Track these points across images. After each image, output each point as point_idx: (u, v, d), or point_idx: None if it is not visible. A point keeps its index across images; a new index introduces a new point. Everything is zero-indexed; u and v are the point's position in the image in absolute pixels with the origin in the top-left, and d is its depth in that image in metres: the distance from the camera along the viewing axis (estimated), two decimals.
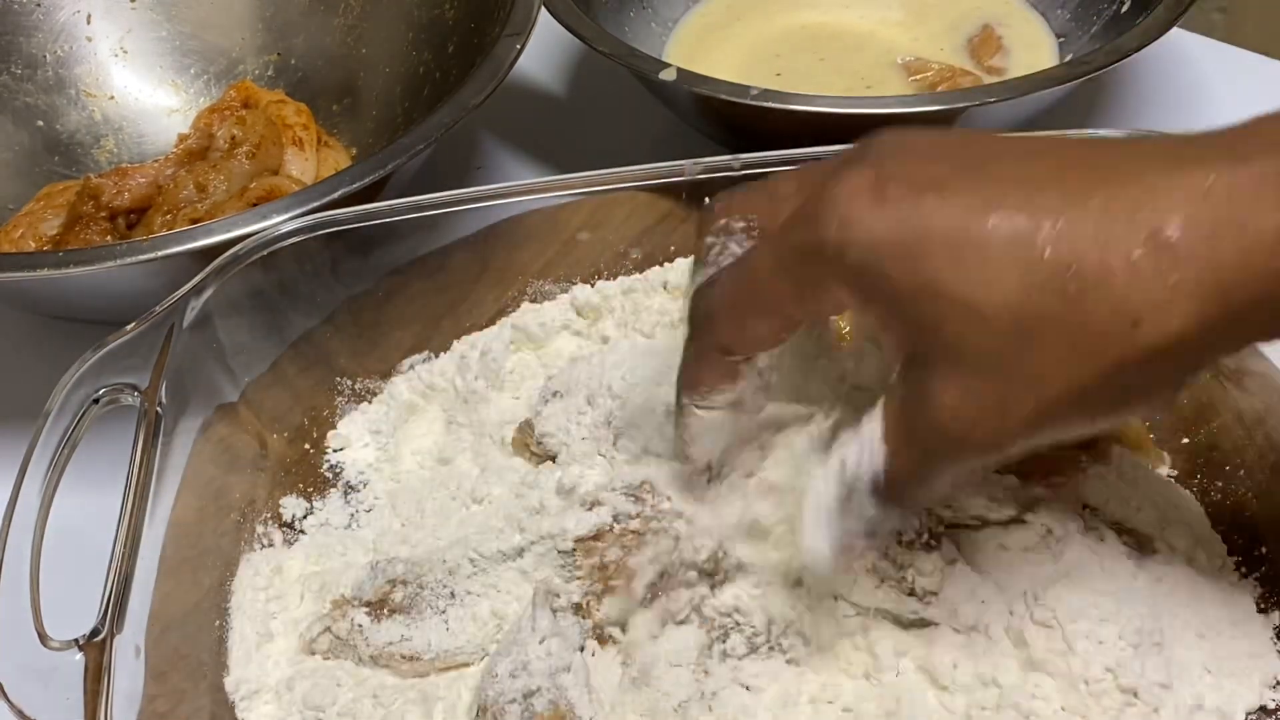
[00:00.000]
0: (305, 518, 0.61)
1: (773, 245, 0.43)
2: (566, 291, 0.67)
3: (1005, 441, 0.40)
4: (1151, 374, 0.38)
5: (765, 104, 0.69)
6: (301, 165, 0.79)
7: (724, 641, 0.50)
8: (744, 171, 0.64)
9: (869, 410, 0.43)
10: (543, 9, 0.75)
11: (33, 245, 0.76)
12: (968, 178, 0.39)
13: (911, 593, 0.49)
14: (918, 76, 0.84)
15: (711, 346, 0.46)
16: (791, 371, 0.51)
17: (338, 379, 0.65)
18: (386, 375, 0.66)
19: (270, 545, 0.59)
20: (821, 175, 0.42)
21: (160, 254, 0.61)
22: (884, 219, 0.39)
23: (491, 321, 0.66)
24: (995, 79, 0.83)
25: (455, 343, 0.66)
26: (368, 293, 0.65)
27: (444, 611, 0.53)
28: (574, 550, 0.51)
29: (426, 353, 0.66)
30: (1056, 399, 0.38)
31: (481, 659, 0.52)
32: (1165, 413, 0.48)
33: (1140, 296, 0.36)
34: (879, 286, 0.40)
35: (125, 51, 0.89)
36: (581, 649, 0.49)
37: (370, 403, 0.65)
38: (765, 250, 0.44)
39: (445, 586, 0.53)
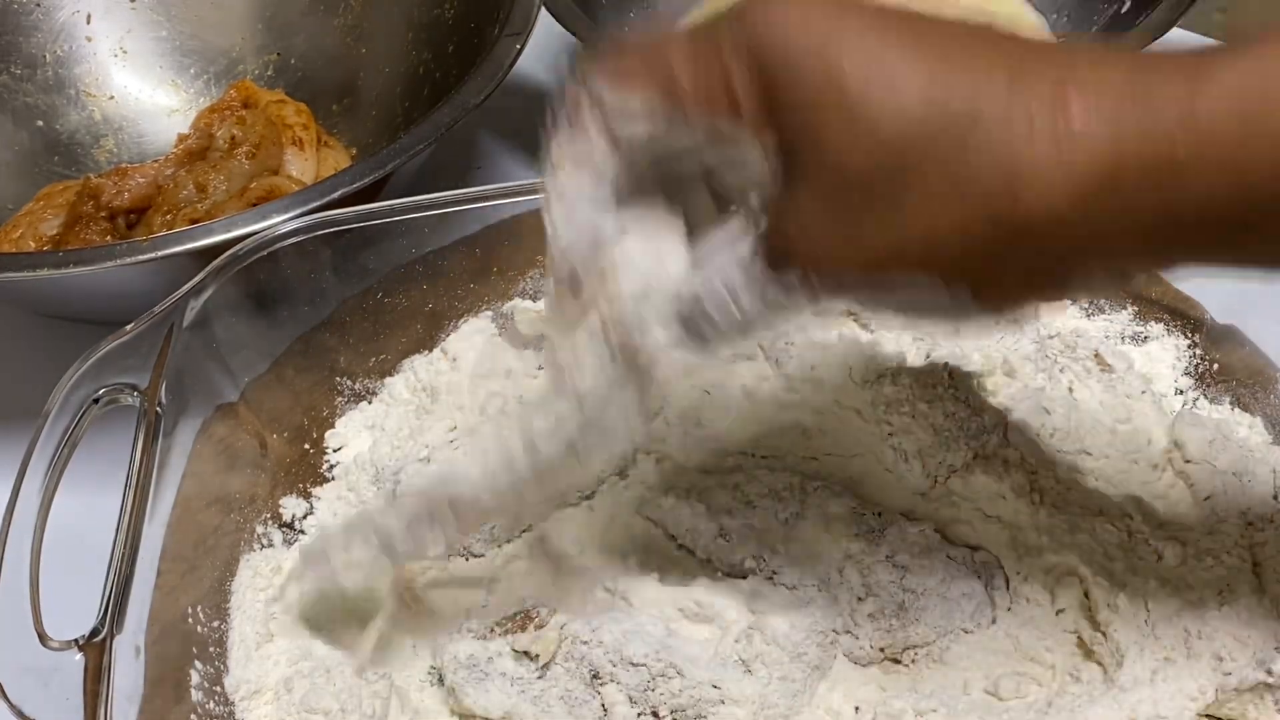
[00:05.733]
0: (305, 518, 0.61)
1: (688, 33, 0.40)
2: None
3: (841, 271, 0.39)
4: (1014, 249, 0.37)
5: None
6: (301, 165, 0.79)
7: None
8: None
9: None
10: (543, 9, 0.75)
11: (33, 245, 0.76)
12: (904, 18, 0.38)
13: None
14: None
15: (590, 99, 0.42)
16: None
17: (338, 379, 0.65)
18: (386, 375, 0.66)
19: (270, 545, 0.59)
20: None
21: (160, 254, 0.61)
22: (810, 17, 0.38)
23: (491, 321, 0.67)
24: None
25: (444, 342, 0.66)
26: (368, 293, 0.65)
27: None
28: None
29: (426, 352, 0.66)
30: (911, 241, 0.37)
31: None
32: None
33: (1029, 159, 0.35)
34: (781, 79, 0.38)
35: (125, 51, 0.89)
36: None
37: (370, 402, 0.65)
38: (678, 34, 0.41)
39: None
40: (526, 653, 0.51)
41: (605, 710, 0.50)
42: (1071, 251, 0.37)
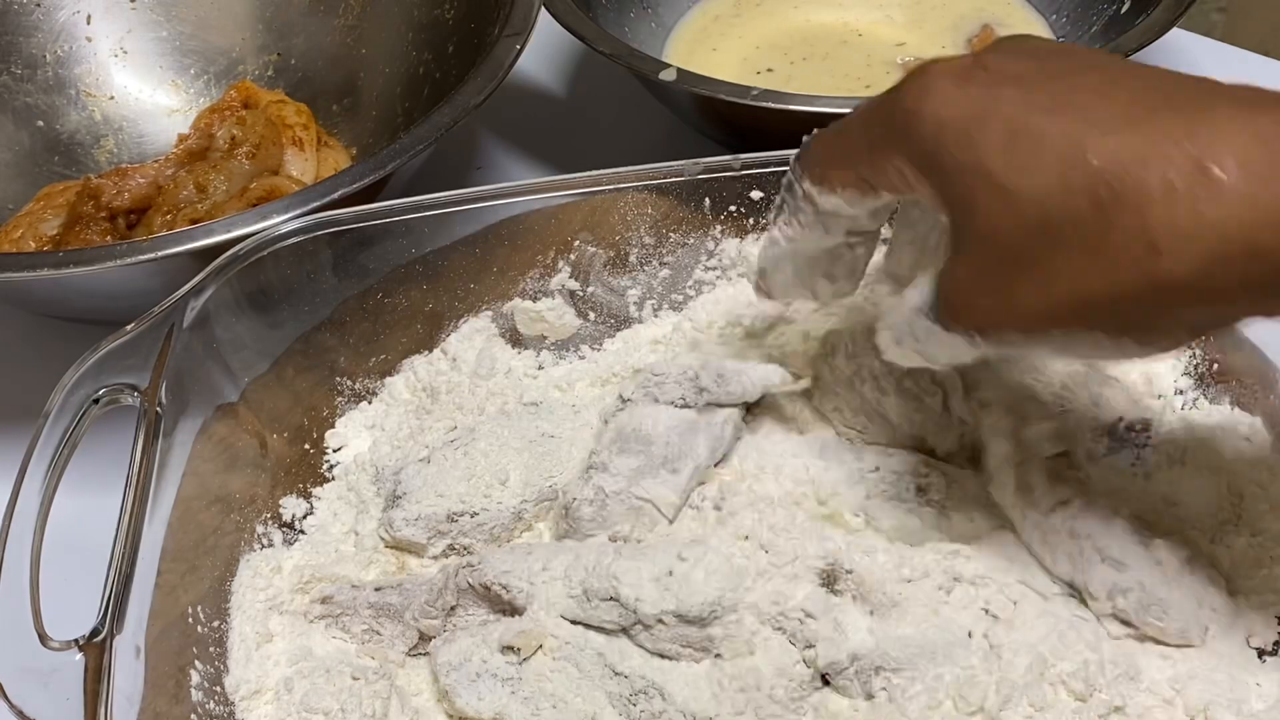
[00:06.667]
0: (305, 518, 0.61)
1: (865, 107, 0.47)
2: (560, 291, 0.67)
3: (1000, 330, 0.42)
4: (1163, 306, 0.38)
5: (765, 104, 0.69)
6: (301, 165, 0.79)
7: None
8: (744, 172, 0.64)
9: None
10: (543, 9, 0.75)
11: (33, 245, 0.76)
12: (1049, 80, 0.41)
13: None
14: None
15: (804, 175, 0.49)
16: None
17: (337, 379, 0.65)
18: (386, 375, 0.66)
19: (270, 545, 0.59)
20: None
21: (160, 254, 0.61)
22: (956, 99, 0.41)
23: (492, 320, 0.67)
24: None
25: (444, 342, 0.66)
26: (368, 293, 0.65)
27: None
28: None
29: (426, 352, 0.66)
30: (1060, 305, 0.39)
31: None
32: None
33: (1168, 224, 0.36)
34: (934, 160, 0.42)
35: (125, 51, 0.89)
36: None
37: (370, 402, 0.65)
38: (859, 111, 0.47)
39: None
40: (511, 647, 0.52)
41: (594, 716, 0.50)
42: (1203, 313, 0.38)
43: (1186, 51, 0.89)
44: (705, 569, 0.51)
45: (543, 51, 0.92)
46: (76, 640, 0.47)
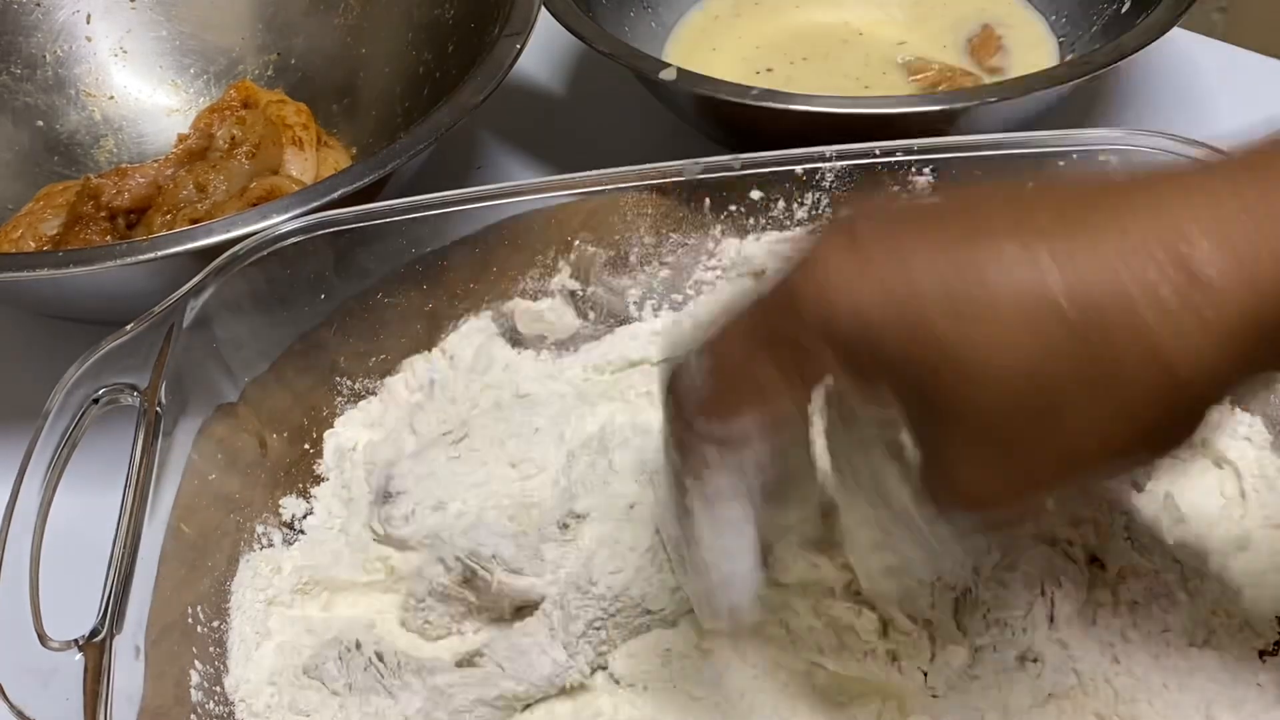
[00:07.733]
0: (305, 517, 0.61)
1: (746, 328, 0.38)
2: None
3: (1033, 501, 0.37)
4: (1187, 413, 0.35)
5: (765, 104, 0.69)
6: (301, 165, 0.79)
7: None
8: (744, 171, 0.64)
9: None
10: (543, 9, 0.75)
11: (33, 245, 0.76)
12: (955, 221, 0.35)
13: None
14: (918, 76, 0.84)
15: (696, 437, 0.40)
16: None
17: (337, 379, 0.65)
18: (386, 375, 0.66)
19: (270, 545, 0.59)
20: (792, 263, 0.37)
21: (160, 254, 0.61)
22: (869, 283, 0.35)
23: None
24: (995, 79, 0.83)
25: (444, 341, 0.66)
26: (368, 293, 0.65)
27: None
28: None
29: (426, 352, 0.66)
30: (1088, 458, 0.35)
31: None
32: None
33: (1173, 338, 0.32)
34: (876, 360, 0.35)
35: (125, 51, 0.89)
36: None
37: (369, 402, 0.65)
38: (737, 334, 0.39)
39: None
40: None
41: None
42: (1221, 395, 0.35)
43: (1186, 51, 0.89)
44: None
45: (543, 51, 0.91)
46: (76, 640, 0.47)
